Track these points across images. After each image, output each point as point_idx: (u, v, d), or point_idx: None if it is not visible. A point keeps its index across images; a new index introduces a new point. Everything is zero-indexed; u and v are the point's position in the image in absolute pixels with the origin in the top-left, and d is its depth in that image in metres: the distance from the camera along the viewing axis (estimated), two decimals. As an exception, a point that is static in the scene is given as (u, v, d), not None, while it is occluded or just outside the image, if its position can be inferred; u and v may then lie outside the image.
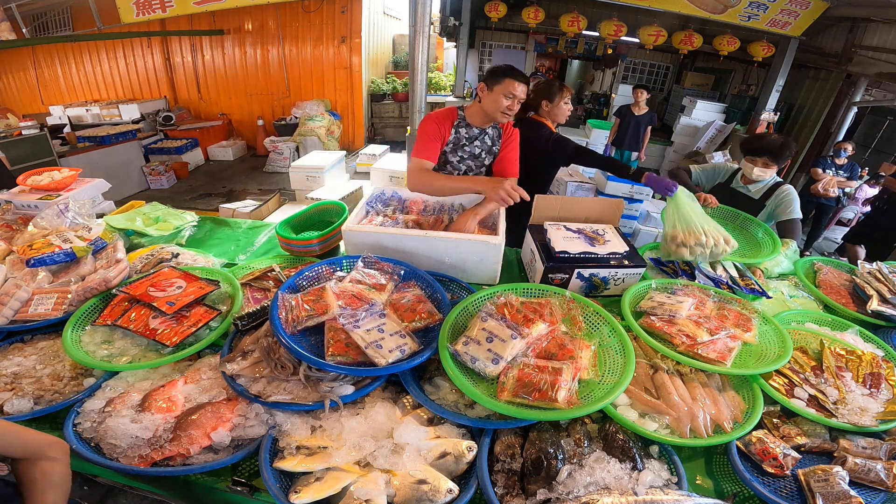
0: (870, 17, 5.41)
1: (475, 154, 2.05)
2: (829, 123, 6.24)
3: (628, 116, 5.42)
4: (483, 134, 2.03)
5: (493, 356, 1.15)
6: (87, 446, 1.03)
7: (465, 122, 2.00)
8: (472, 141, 2.02)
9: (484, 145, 2.04)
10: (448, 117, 2.00)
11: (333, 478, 0.94)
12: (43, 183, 2.12)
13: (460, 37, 7.73)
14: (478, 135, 2.02)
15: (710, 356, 1.26)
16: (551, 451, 1.01)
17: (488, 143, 2.05)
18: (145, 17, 5.32)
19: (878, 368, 1.34)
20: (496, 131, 2.04)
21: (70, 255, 1.59)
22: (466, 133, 2.01)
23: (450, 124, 1.99)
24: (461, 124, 2.00)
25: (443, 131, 1.98)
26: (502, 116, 1.88)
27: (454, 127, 2.00)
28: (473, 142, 2.02)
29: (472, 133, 2.01)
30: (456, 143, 2.02)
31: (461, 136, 2.01)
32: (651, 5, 5.46)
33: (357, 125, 8.08)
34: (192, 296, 1.40)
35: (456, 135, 2.01)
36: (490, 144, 2.05)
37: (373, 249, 1.61)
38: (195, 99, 8.27)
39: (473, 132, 2.01)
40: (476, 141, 2.02)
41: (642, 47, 6.85)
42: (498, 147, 2.06)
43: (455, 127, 2.00)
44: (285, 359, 1.14)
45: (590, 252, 1.61)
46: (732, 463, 1.07)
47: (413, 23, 3.66)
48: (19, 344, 1.34)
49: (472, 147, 2.03)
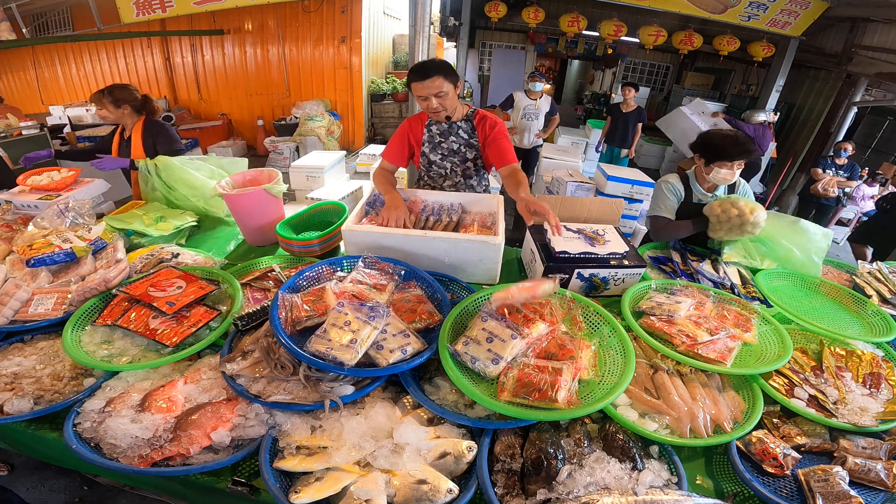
0: (870, 17, 5.40)
1: (454, 150, 2.07)
2: (829, 123, 6.24)
3: (617, 114, 5.44)
4: (454, 127, 2.03)
5: (494, 356, 1.15)
6: (87, 446, 1.03)
7: (434, 119, 2.03)
8: (447, 137, 2.04)
9: (460, 139, 2.05)
10: (419, 118, 2.05)
11: (333, 478, 0.94)
12: (43, 183, 2.12)
13: (460, 37, 7.73)
14: (448, 129, 2.03)
15: (710, 356, 1.26)
16: (551, 451, 1.01)
17: (464, 137, 2.05)
18: (145, 17, 5.31)
19: (878, 368, 1.34)
20: (468, 123, 2.04)
21: (70, 255, 1.59)
22: (438, 129, 2.04)
23: (421, 124, 2.04)
24: (432, 122, 2.03)
25: (413, 131, 2.04)
26: (435, 116, 1.94)
27: (426, 126, 2.04)
28: (448, 137, 2.04)
29: (442, 128, 2.03)
30: (431, 141, 2.06)
31: (434, 134, 2.04)
32: (651, 5, 5.46)
33: (357, 125, 8.07)
34: (192, 296, 1.40)
35: (429, 133, 2.04)
36: (467, 137, 2.05)
37: (373, 249, 1.62)
38: (195, 99, 8.26)
39: (443, 127, 2.03)
40: (451, 136, 2.04)
41: (642, 47, 6.85)
42: (476, 139, 2.05)
43: (427, 126, 2.04)
44: (285, 359, 1.14)
45: (590, 252, 1.61)
46: (732, 463, 1.07)
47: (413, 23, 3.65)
48: (19, 344, 1.34)
49: (449, 143, 2.05)
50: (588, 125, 7.57)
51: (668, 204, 2.03)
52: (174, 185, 2.17)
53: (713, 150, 1.91)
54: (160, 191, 2.19)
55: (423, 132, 2.04)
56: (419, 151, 2.09)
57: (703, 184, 2.02)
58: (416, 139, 2.06)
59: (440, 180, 2.17)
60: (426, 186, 2.22)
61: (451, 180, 2.15)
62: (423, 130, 2.04)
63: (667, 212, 2.03)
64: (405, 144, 2.07)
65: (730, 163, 1.88)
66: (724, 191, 2.04)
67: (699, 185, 2.03)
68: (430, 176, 2.18)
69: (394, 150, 2.07)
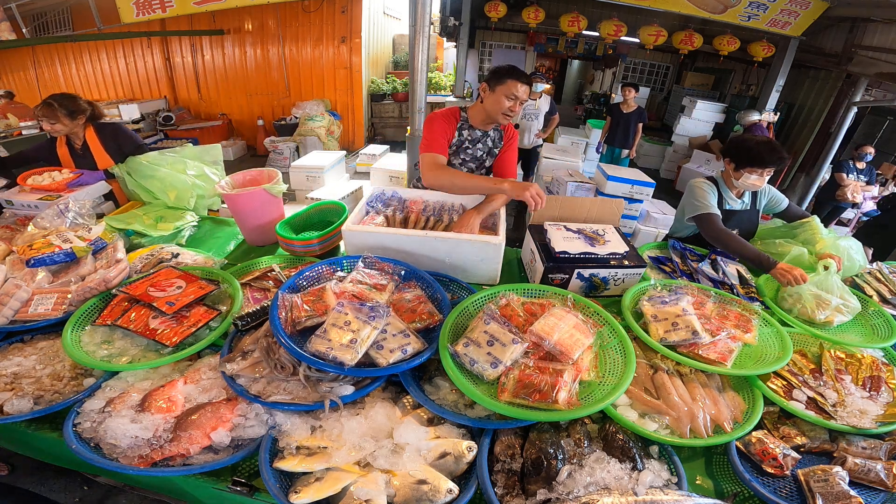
0: (870, 17, 5.40)
1: (476, 157, 2.06)
2: (829, 123, 6.24)
3: (617, 114, 5.43)
4: (485, 136, 2.03)
5: (493, 360, 1.15)
6: (87, 446, 1.03)
7: (467, 123, 2.00)
8: (475, 143, 2.02)
9: (485, 147, 2.05)
10: (453, 118, 2.00)
11: (333, 478, 0.94)
12: (43, 183, 2.12)
13: (460, 37, 7.73)
14: (480, 137, 2.02)
15: (710, 357, 1.26)
16: (551, 451, 1.01)
17: (489, 146, 2.05)
18: (145, 17, 5.31)
19: (878, 372, 1.33)
20: (497, 133, 2.04)
21: (70, 255, 1.59)
22: (469, 135, 2.01)
23: (454, 125, 2.00)
24: (464, 126, 2.00)
25: (449, 130, 1.98)
26: (503, 118, 1.87)
27: (458, 129, 2.00)
28: (476, 144, 2.03)
29: (474, 135, 2.01)
30: (459, 145, 2.02)
31: (464, 139, 2.01)
32: (651, 5, 5.46)
33: (357, 125, 8.07)
34: (192, 296, 1.40)
35: (459, 137, 2.01)
36: (491, 146, 2.05)
37: (373, 249, 1.61)
38: (195, 99, 8.26)
39: (476, 134, 2.01)
40: (479, 144, 2.03)
41: (642, 47, 6.85)
42: (499, 149, 2.06)
43: (458, 129, 2.00)
44: (285, 359, 1.14)
45: (590, 252, 1.61)
46: (732, 463, 1.08)
47: (413, 23, 3.65)
48: (19, 344, 1.34)
49: (475, 150, 2.04)
50: (588, 125, 7.57)
51: (712, 200, 1.95)
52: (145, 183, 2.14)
53: (745, 155, 1.86)
54: (138, 191, 2.18)
55: (454, 134, 2.00)
56: None
57: (731, 188, 1.99)
58: (449, 138, 2.00)
59: None
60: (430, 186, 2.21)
61: None
62: (455, 133, 2.00)
63: (715, 209, 1.94)
64: (448, 137, 1.99)
65: (760, 169, 1.84)
66: (750, 197, 2.02)
67: (728, 190, 1.99)
68: None
69: (444, 145, 1.96)
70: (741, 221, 2.07)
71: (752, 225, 2.12)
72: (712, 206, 1.94)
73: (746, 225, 2.10)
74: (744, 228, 2.09)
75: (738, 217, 2.07)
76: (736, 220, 2.06)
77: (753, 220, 2.11)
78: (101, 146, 2.30)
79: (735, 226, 2.05)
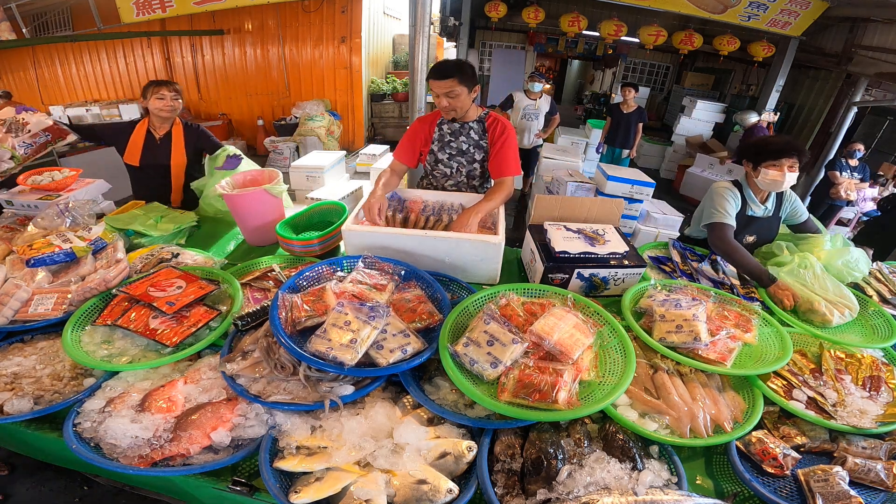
0: (870, 17, 5.41)
1: (462, 150, 2.08)
2: (829, 123, 6.24)
3: (618, 115, 5.42)
4: (465, 128, 2.05)
5: (493, 360, 1.15)
6: (87, 446, 1.03)
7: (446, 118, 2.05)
8: (457, 136, 2.06)
9: (470, 140, 2.06)
10: (433, 116, 2.08)
11: (333, 478, 0.94)
12: (43, 183, 2.12)
13: (460, 37, 7.73)
14: (459, 129, 2.05)
15: (710, 356, 1.26)
16: (551, 451, 1.01)
17: (474, 138, 2.06)
18: (145, 17, 5.31)
19: (878, 372, 1.33)
20: (480, 125, 2.05)
21: (70, 255, 1.59)
22: (449, 129, 2.06)
23: (433, 122, 2.07)
24: (444, 121, 2.05)
25: (424, 130, 2.07)
26: (447, 114, 1.95)
27: (437, 124, 2.06)
28: (458, 137, 2.06)
29: (453, 128, 2.05)
30: (441, 139, 2.08)
31: (444, 133, 2.07)
32: (651, 5, 5.46)
33: (357, 125, 8.07)
34: (192, 296, 1.40)
35: (440, 131, 2.07)
36: (476, 139, 2.06)
37: (373, 249, 1.62)
38: (195, 99, 8.25)
39: (454, 127, 2.05)
40: (461, 136, 2.06)
41: (642, 47, 6.86)
42: (486, 141, 2.05)
43: (438, 125, 2.07)
44: (285, 359, 1.14)
45: (590, 252, 1.61)
46: (732, 463, 1.07)
47: (413, 23, 3.65)
48: (19, 344, 1.34)
49: (458, 143, 2.07)
50: (588, 125, 7.56)
51: (732, 210, 1.89)
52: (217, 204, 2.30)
53: (760, 151, 1.82)
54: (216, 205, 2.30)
55: (433, 131, 2.07)
56: (427, 149, 2.11)
57: (755, 192, 1.93)
58: (426, 138, 2.09)
59: (443, 180, 2.17)
60: (428, 186, 2.23)
61: (455, 180, 2.15)
62: (435, 129, 2.07)
63: (731, 218, 1.88)
64: (415, 144, 2.10)
65: (777, 161, 1.78)
66: (775, 200, 1.97)
67: (752, 193, 1.93)
68: (433, 175, 2.19)
69: (403, 149, 2.10)
70: (761, 228, 2.01)
71: (771, 232, 2.03)
72: (728, 215, 1.88)
73: (766, 232, 2.03)
74: (762, 235, 2.03)
75: (759, 223, 2.00)
76: (756, 226, 2.00)
77: (773, 228, 2.03)
78: (182, 141, 2.41)
79: (753, 232, 2.00)
